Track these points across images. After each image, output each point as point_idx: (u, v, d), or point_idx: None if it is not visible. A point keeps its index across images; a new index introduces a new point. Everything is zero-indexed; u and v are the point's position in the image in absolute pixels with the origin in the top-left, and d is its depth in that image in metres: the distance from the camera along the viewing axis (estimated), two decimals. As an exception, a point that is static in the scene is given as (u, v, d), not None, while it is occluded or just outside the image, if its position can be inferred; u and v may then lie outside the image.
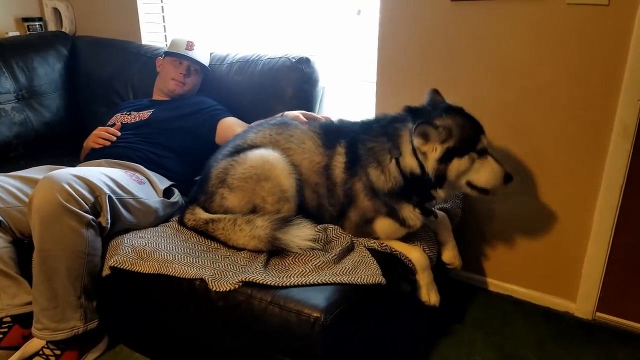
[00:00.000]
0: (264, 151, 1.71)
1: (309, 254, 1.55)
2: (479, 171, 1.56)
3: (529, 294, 2.14)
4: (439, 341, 1.89)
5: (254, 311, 1.39)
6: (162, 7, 2.89)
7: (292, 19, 2.49)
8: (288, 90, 2.14)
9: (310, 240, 1.56)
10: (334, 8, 2.36)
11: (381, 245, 1.64)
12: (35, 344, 1.67)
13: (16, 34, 3.01)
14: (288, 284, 1.42)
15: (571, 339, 1.92)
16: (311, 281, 1.43)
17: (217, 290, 1.44)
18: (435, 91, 1.69)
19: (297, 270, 1.48)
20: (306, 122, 1.84)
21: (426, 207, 1.65)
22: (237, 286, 1.43)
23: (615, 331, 1.96)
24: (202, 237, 1.72)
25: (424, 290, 1.68)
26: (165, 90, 2.35)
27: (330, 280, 1.43)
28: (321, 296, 1.36)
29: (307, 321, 1.30)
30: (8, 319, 1.71)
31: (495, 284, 2.22)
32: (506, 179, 1.59)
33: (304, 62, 2.21)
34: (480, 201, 2.14)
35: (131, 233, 1.74)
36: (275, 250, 1.58)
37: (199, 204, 1.80)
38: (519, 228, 2.10)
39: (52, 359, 1.66)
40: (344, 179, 1.65)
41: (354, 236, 1.67)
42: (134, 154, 2.05)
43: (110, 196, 1.65)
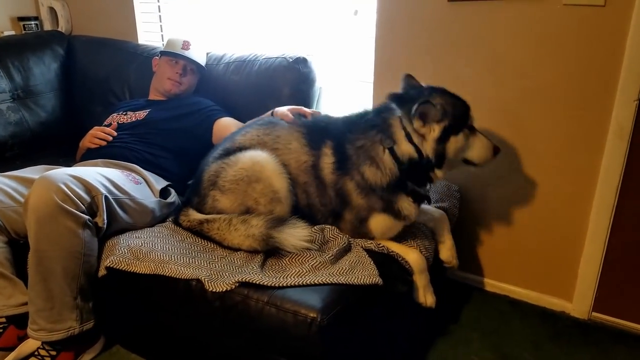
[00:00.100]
0: (254, 153, 1.71)
1: (305, 254, 1.55)
2: (472, 147, 1.61)
3: (526, 294, 2.15)
4: (436, 341, 1.89)
5: (251, 312, 1.39)
6: (159, 6, 2.89)
7: (289, 18, 2.49)
8: (285, 90, 2.14)
9: (305, 240, 1.55)
10: (331, 8, 2.36)
11: (378, 246, 1.64)
12: (30, 344, 1.67)
13: (12, 33, 2.99)
14: (285, 284, 1.42)
15: (567, 338, 1.93)
16: (308, 281, 1.43)
17: (214, 290, 1.43)
18: (410, 76, 1.70)
19: (294, 271, 1.48)
20: (292, 119, 1.82)
21: (420, 193, 1.65)
22: (233, 287, 1.42)
23: (611, 331, 1.97)
24: (198, 237, 1.71)
25: (421, 291, 1.69)
26: (162, 90, 2.34)
27: (327, 280, 1.43)
28: (318, 297, 1.36)
29: (304, 322, 1.30)
30: (3, 319, 1.71)
31: (491, 284, 2.23)
32: (495, 151, 1.65)
33: (301, 62, 2.21)
34: (478, 201, 2.14)
35: (127, 233, 1.73)
36: (271, 251, 1.58)
37: (192, 206, 1.80)
38: (515, 228, 2.11)
39: (48, 359, 1.65)
40: (334, 180, 1.65)
41: (351, 237, 1.67)
42: (131, 154, 2.04)
43: (106, 196, 1.65)
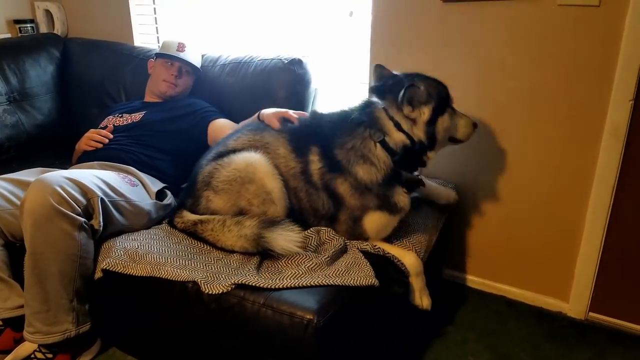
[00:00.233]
0: (247, 154, 1.71)
1: (301, 256, 1.55)
2: (457, 126, 1.69)
3: (522, 294, 2.15)
4: (432, 342, 1.89)
5: (247, 314, 1.38)
6: (155, 8, 2.89)
7: (284, 20, 2.49)
8: (280, 92, 2.14)
9: (294, 244, 1.54)
10: (326, 9, 2.37)
11: (374, 247, 1.64)
12: (27, 347, 1.66)
13: (7, 36, 2.99)
14: (281, 286, 1.42)
15: (564, 339, 1.93)
16: (304, 283, 1.42)
17: (210, 292, 1.43)
18: (380, 66, 1.74)
19: (289, 273, 1.47)
20: (278, 127, 1.79)
21: (414, 180, 1.69)
22: (229, 289, 1.42)
23: (608, 331, 1.97)
24: (194, 239, 1.71)
25: (417, 294, 1.69)
26: (157, 92, 2.34)
27: (323, 282, 1.43)
28: (314, 298, 1.36)
29: (300, 323, 1.30)
30: (0, 322, 1.70)
31: (488, 284, 2.23)
32: (474, 126, 1.74)
33: (297, 63, 2.21)
34: (473, 201, 2.15)
35: (123, 235, 1.73)
36: (266, 253, 1.57)
37: (186, 207, 1.80)
38: (511, 228, 2.11)
39: (44, 362, 1.65)
40: (325, 184, 1.65)
41: (346, 238, 1.67)
42: (127, 156, 2.04)
43: (102, 199, 1.64)
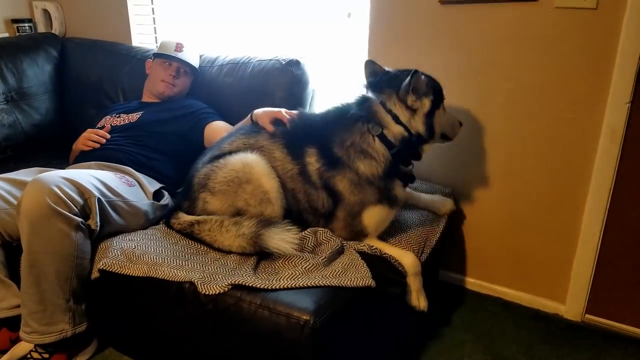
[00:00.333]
0: (244, 155, 1.71)
1: (298, 256, 1.55)
2: (447, 124, 1.75)
3: (519, 296, 2.15)
4: (428, 343, 1.89)
5: (243, 314, 1.38)
6: (153, 9, 2.88)
7: (282, 21, 2.49)
8: (278, 93, 2.14)
9: (290, 243, 1.54)
10: (324, 10, 2.37)
11: (371, 248, 1.64)
12: (23, 347, 1.66)
13: (5, 35, 2.98)
14: (277, 286, 1.42)
15: (560, 341, 1.93)
16: (301, 284, 1.43)
17: (207, 293, 1.43)
18: (372, 62, 1.77)
19: (286, 273, 1.48)
20: (272, 130, 1.78)
21: (409, 174, 1.72)
22: (226, 289, 1.42)
23: (605, 333, 1.98)
24: (191, 240, 1.71)
25: (414, 294, 1.69)
26: (155, 92, 2.34)
27: (320, 283, 1.43)
28: (311, 299, 1.36)
29: (297, 324, 1.30)
30: (-4, 322, 1.70)
31: (485, 286, 2.23)
32: (460, 124, 1.81)
33: (294, 64, 2.20)
34: (470, 204, 2.15)
35: (120, 236, 1.72)
36: (263, 253, 1.57)
37: (182, 210, 1.80)
38: (508, 230, 2.11)
39: (40, 362, 1.65)
40: (324, 183, 1.65)
41: (344, 237, 1.67)
42: (124, 157, 2.04)
43: (99, 199, 1.64)
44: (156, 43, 2.90)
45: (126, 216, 1.76)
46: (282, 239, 1.55)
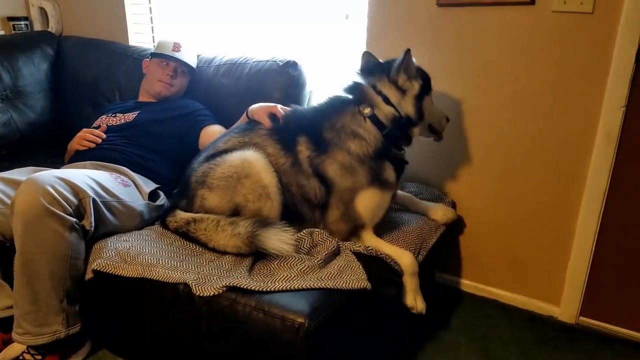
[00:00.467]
0: (242, 152, 1.72)
1: (294, 258, 1.54)
2: (434, 115, 1.79)
3: (514, 298, 2.16)
4: (424, 345, 1.89)
5: (238, 316, 1.38)
6: (150, 8, 2.88)
7: (280, 21, 2.49)
8: (275, 94, 2.13)
9: (287, 243, 1.54)
10: (322, 12, 2.37)
11: (367, 249, 1.63)
12: (15, 348, 1.64)
13: (1, 33, 2.97)
14: (272, 289, 1.41)
15: (555, 343, 1.94)
16: (296, 286, 1.42)
17: (201, 295, 1.42)
18: (369, 53, 1.82)
19: (282, 275, 1.47)
20: (270, 125, 1.81)
21: (400, 158, 1.74)
22: (221, 291, 1.41)
23: (599, 335, 1.98)
24: (186, 240, 1.70)
25: (411, 295, 1.68)
26: (152, 92, 2.33)
27: (315, 285, 1.42)
28: (306, 301, 1.35)
29: (292, 327, 1.29)
30: (-12, 323, 1.69)
31: (480, 288, 2.23)
32: (447, 119, 1.85)
33: (291, 65, 2.20)
34: (466, 206, 2.15)
35: (115, 236, 1.71)
36: (258, 253, 1.57)
37: (180, 208, 1.79)
38: (503, 232, 2.12)
39: (33, 363, 1.64)
40: (314, 170, 1.68)
41: (342, 231, 1.67)
42: (120, 156, 2.03)
43: (94, 199, 1.63)
44: (153, 42, 2.89)
45: (121, 217, 1.75)
46: (280, 239, 1.55)
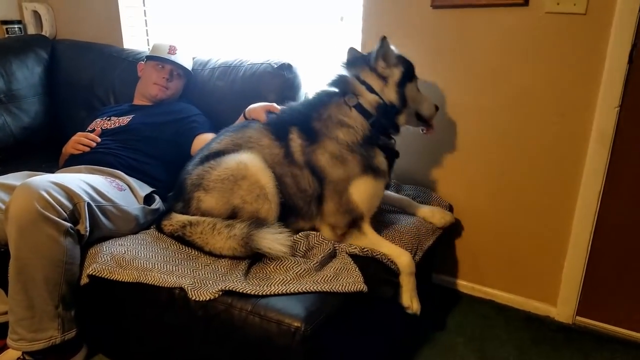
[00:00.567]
0: (236, 154, 1.72)
1: (290, 261, 1.54)
2: (421, 102, 1.82)
3: (511, 299, 2.16)
4: (421, 347, 1.90)
5: (234, 321, 1.37)
6: (145, 10, 2.87)
7: (275, 24, 2.48)
8: (270, 97, 2.13)
9: (282, 244, 1.54)
10: (317, 14, 2.37)
11: (362, 250, 1.63)
12: (10, 354, 1.63)
13: (-5, 36, 2.97)
14: (268, 292, 1.40)
15: (552, 343, 1.94)
16: (292, 290, 1.41)
17: (197, 299, 1.41)
18: (354, 49, 1.86)
19: (278, 279, 1.47)
20: (266, 120, 1.86)
21: (390, 148, 1.76)
22: (217, 295, 1.41)
23: (595, 335, 1.99)
24: (181, 244, 1.69)
25: (407, 295, 1.68)
26: (147, 95, 2.32)
27: (312, 288, 1.42)
28: (302, 305, 1.35)
29: (288, 331, 1.29)
30: (-17, 329, 1.68)
31: (477, 288, 2.24)
32: (436, 108, 1.87)
33: (286, 68, 2.20)
34: (462, 207, 2.15)
35: (110, 241, 1.71)
36: (254, 256, 1.57)
37: (176, 212, 1.78)
38: (500, 233, 2.12)
39: (29, 369, 1.63)
40: (306, 159, 1.69)
41: (340, 224, 1.68)
42: (114, 160, 2.02)
43: (89, 203, 1.63)
44: (148, 45, 2.89)
45: (116, 221, 1.74)
46: (274, 239, 1.54)
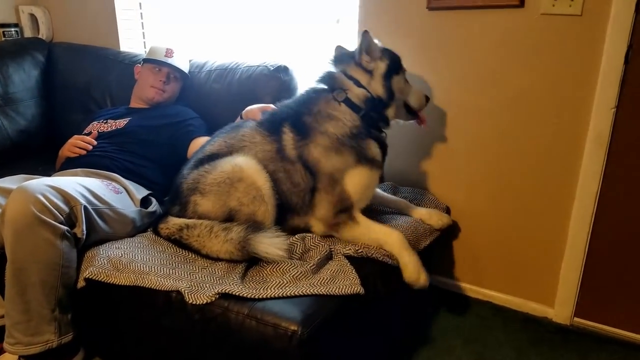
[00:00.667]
0: (231, 158, 1.72)
1: (286, 264, 1.54)
2: (409, 93, 1.84)
3: (508, 300, 2.16)
4: (419, 349, 1.89)
5: (231, 324, 1.37)
6: (141, 13, 2.87)
7: (271, 25, 2.49)
8: (266, 99, 2.13)
9: (279, 249, 1.54)
10: (313, 16, 2.37)
11: (357, 251, 1.62)
12: (7, 359, 1.63)
13: (-9, 40, 2.96)
14: (265, 296, 1.40)
15: (549, 344, 1.94)
16: (289, 293, 1.41)
17: (194, 302, 1.41)
18: (341, 46, 1.88)
19: (274, 282, 1.46)
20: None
21: (380, 139, 1.78)
22: (213, 299, 1.40)
23: (593, 336, 1.99)
24: (178, 247, 1.69)
25: (408, 270, 1.62)
26: (144, 98, 2.32)
27: (308, 291, 1.42)
28: (299, 309, 1.35)
29: (285, 335, 1.28)
30: (-20, 333, 1.68)
31: (474, 290, 2.24)
32: (426, 99, 1.89)
33: (282, 70, 2.21)
34: (459, 208, 2.15)
35: (107, 244, 1.70)
36: (251, 260, 1.57)
37: (172, 215, 1.78)
38: (497, 234, 2.12)
39: (25, 373, 1.63)
40: (299, 153, 1.70)
41: (331, 214, 1.68)
42: (111, 163, 2.02)
43: (85, 207, 1.62)
44: (144, 48, 2.89)
45: (113, 224, 1.74)
46: (271, 243, 1.55)
